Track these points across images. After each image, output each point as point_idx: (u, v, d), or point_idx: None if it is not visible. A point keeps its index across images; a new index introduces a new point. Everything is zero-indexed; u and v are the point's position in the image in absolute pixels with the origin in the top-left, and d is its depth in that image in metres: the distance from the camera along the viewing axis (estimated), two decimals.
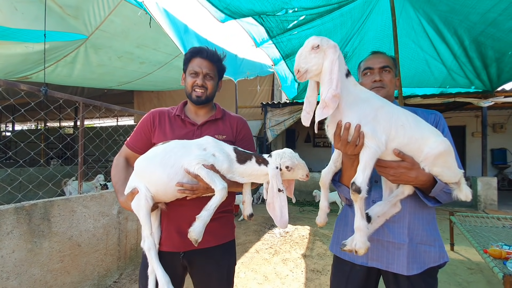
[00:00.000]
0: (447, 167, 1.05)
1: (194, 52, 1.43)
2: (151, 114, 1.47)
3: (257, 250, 4.18)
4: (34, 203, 2.33)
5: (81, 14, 4.00)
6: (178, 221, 1.34)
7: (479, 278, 3.30)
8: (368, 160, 0.99)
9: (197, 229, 1.10)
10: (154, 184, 1.19)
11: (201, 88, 1.41)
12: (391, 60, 1.40)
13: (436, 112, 1.36)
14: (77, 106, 2.76)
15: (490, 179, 6.93)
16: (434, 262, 1.22)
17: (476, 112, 9.44)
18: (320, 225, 1.22)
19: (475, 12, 3.35)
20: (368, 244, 1.02)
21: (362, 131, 0.99)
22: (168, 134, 1.41)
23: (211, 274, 1.39)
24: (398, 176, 1.07)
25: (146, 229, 1.19)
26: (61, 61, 5.32)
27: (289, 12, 3.42)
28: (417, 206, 1.21)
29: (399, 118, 1.04)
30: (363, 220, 1.03)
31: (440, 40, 4.18)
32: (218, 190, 1.13)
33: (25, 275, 2.23)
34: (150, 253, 1.19)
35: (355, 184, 0.98)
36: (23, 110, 2.54)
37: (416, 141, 1.04)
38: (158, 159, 1.19)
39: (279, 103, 8.89)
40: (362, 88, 1.09)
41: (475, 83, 5.48)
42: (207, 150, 1.21)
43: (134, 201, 1.20)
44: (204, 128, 1.45)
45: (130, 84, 7.66)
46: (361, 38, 4.41)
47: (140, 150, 1.45)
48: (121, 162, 1.46)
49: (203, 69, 1.40)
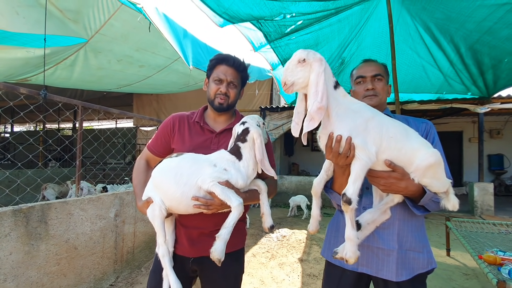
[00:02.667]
0: (436, 178, 1.06)
1: (220, 59, 1.44)
2: (171, 119, 1.48)
3: (254, 254, 4.18)
4: (31, 206, 2.34)
5: (81, 18, 4.04)
6: (188, 228, 1.36)
7: (474, 283, 3.31)
8: (358, 172, 1.00)
9: (219, 248, 1.12)
10: (168, 199, 1.22)
11: (224, 96, 1.41)
12: (382, 67, 1.42)
13: (427, 121, 1.38)
14: (75, 110, 2.78)
15: (487, 184, 6.96)
16: (423, 268, 1.24)
17: (473, 118, 9.49)
18: (311, 233, 1.25)
19: (471, 20, 3.41)
20: (358, 254, 1.04)
21: (353, 143, 1.00)
22: (187, 141, 1.43)
23: (218, 282, 1.40)
24: (389, 186, 1.08)
25: (161, 237, 1.23)
26: (61, 64, 5.35)
27: (287, 17, 3.47)
28: (406, 213, 1.23)
29: (389, 129, 1.05)
30: (353, 230, 1.04)
31: (436, 47, 4.24)
32: (235, 207, 1.14)
33: (22, 277, 2.23)
34: (164, 260, 1.23)
35: (345, 195, 0.99)
36: (22, 113, 2.56)
37: (406, 153, 1.05)
38: (171, 175, 1.21)
39: (278, 107, 8.93)
40: (352, 99, 1.11)
41: (472, 89, 5.54)
42: (218, 166, 1.22)
43: (149, 210, 1.24)
44: (222, 136, 1.45)
45: (130, 87, 7.69)
46: (359, 44, 4.46)
47: (160, 153, 1.49)
48: (141, 165, 1.49)
49: (228, 77, 1.41)
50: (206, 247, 1.33)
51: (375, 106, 1.33)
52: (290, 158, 12.18)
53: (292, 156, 12.05)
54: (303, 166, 12.09)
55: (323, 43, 4.37)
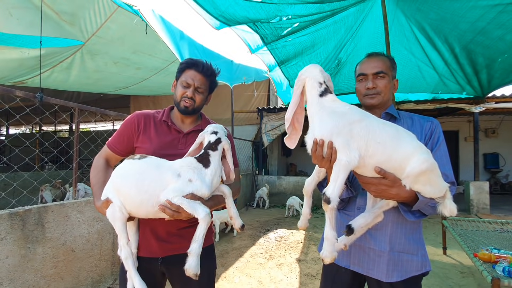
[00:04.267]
0: (429, 184, 1.04)
1: (190, 63, 1.44)
2: (135, 117, 1.45)
3: (252, 255, 4.19)
4: (28, 209, 2.33)
5: (77, 20, 4.04)
6: (154, 227, 1.34)
7: (470, 281, 3.34)
8: (338, 173, 1.00)
9: (193, 264, 1.12)
10: (128, 203, 1.19)
11: (190, 100, 1.42)
12: (387, 62, 1.34)
13: (432, 120, 1.33)
14: (72, 112, 2.78)
15: (483, 183, 7.02)
16: (417, 271, 1.24)
17: (469, 117, 9.58)
18: (300, 229, 1.27)
19: (464, 21, 3.44)
20: (334, 254, 1.04)
21: (334, 147, 1.02)
22: (153, 139, 1.40)
23: (190, 281, 1.34)
24: (380, 193, 1.08)
25: (123, 239, 1.20)
26: (57, 67, 5.34)
27: (283, 20, 3.48)
28: (400, 216, 1.22)
29: (377, 134, 1.03)
30: (331, 230, 1.05)
31: (431, 47, 4.27)
32: (202, 219, 1.14)
33: (19, 280, 2.23)
34: (127, 262, 1.21)
35: (325, 194, 1.00)
36: (18, 116, 2.55)
37: (397, 159, 1.03)
38: (133, 180, 1.18)
39: (275, 108, 8.96)
40: (342, 103, 1.11)
41: (467, 89, 5.57)
42: (182, 176, 1.19)
43: (109, 211, 1.20)
44: (190, 136, 1.45)
45: (127, 89, 7.69)
46: (355, 45, 4.48)
47: (121, 152, 1.44)
48: (101, 164, 1.43)
49: (195, 82, 1.42)
50: (174, 245, 1.36)
51: (377, 105, 1.33)
52: (287, 159, 12.21)
53: (290, 156, 12.08)
54: (300, 166, 12.12)
55: (319, 44, 4.39)
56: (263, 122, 9.06)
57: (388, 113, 1.35)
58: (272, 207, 8.11)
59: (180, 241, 1.36)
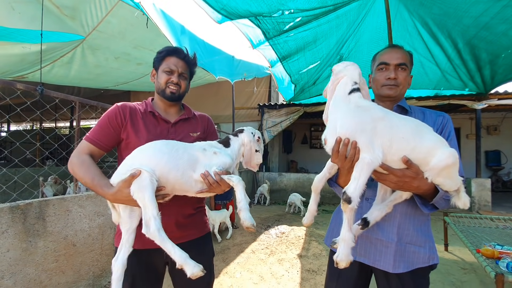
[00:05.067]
0: (449, 177, 1.04)
1: (171, 51, 1.44)
2: (119, 108, 1.39)
3: (253, 251, 4.18)
4: (29, 202, 2.33)
5: (78, 14, 4.01)
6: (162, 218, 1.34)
7: (472, 277, 3.33)
8: (361, 172, 0.97)
9: (247, 217, 1.17)
10: (161, 169, 1.16)
11: (175, 85, 1.42)
12: (408, 56, 1.34)
13: (444, 115, 1.33)
14: (73, 107, 2.77)
15: (484, 180, 7.01)
16: (423, 263, 1.23)
17: (471, 114, 9.54)
18: (305, 225, 1.26)
19: (468, 15, 3.41)
20: (350, 258, 1.01)
21: (358, 147, 0.99)
22: (142, 131, 1.37)
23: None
24: (401, 185, 1.07)
25: (153, 209, 1.09)
26: (58, 61, 5.32)
27: (285, 14, 3.45)
28: (409, 207, 1.22)
29: (400, 129, 1.03)
30: (349, 232, 1.01)
31: (434, 42, 4.24)
32: (236, 184, 1.20)
33: (20, 274, 2.22)
34: (160, 234, 1.08)
35: (346, 193, 0.97)
36: (19, 109, 2.54)
37: (420, 152, 1.03)
38: (164, 150, 1.21)
39: (276, 105, 8.93)
40: (365, 101, 1.10)
41: (469, 85, 5.55)
42: (207, 150, 1.28)
43: (135, 184, 1.11)
44: (178, 125, 1.47)
45: (127, 85, 7.67)
46: (357, 40, 4.46)
47: (106, 146, 1.37)
48: (87, 159, 1.30)
49: (179, 69, 1.42)
50: (177, 234, 1.37)
51: (394, 97, 1.33)
52: (288, 156, 12.20)
53: (291, 153, 12.07)
54: (301, 163, 12.11)
55: (321, 39, 4.37)
56: (264, 118, 9.04)
57: (399, 105, 1.35)
58: (273, 203, 8.11)
59: (182, 231, 1.40)
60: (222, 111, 9.67)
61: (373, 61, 1.42)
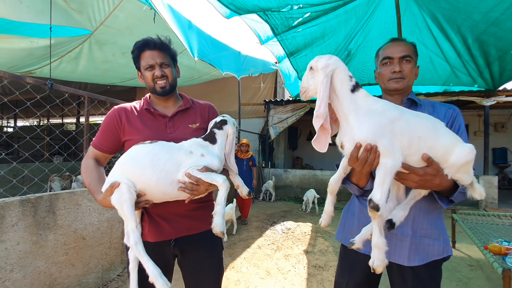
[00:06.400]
0: (468, 172, 1.04)
1: (140, 46, 1.39)
2: (115, 112, 1.41)
3: (259, 246, 4.20)
4: (39, 196, 2.35)
5: (85, 8, 4.02)
6: (163, 210, 1.34)
7: (479, 274, 3.32)
8: (384, 177, 0.95)
9: (219, 222, 1.17)
10: (143, 184, 1.18)
11: (161, 78, 1.38)
12: (411, 47, 1.33)
13: (454, 108, 1.32)
14: (80, 102, 2.79)
15: (491, 177, 6.94)
16: (438, 255, 1.23)
17: (479, 111, 9.45)
18: (323, 226, 1.23)
19: (477, 11, 3.36)
20: (386, 262, 1.00)
21: (378, 151, 0.97)
22: (141, 129, 1.38)
23: (204, 259, 1.42)
24: (423, 184, 1.05)
25: (132, 222, 1.12)
26: (65, 57, 5.35)
27: (294, 9, 3.42)
28: (423, 201, 1.21)
29: (417, 128, 1.02)
30: (381, 237, 1.00)
31: (444, 37, 4.18)
32: (221, 184, 1.19)
33: (30, 267, 2.25)
34: (137, 247, 1.13)
35: (372, 201, 0.94)
36: (29, 104, 2.56)
37: (438, 150, 1.02)
38: (148, 161, 1.18)
39: (282, 101, 8.90)
40: (374, 99, 1.06)
41: (478, 81, 5.47)
42: (194, 153, 1.24)
43: (115, 195, 1.14)
44: (176, 118, 1.44)
45: (134, 81, 7.69)
46: (365, 35, 4.41)
47: (109, 149, 1.42)
48: (91, 164, 1.39)
49: (157, 60, 1.38)
50: (186, 225, 1.38)
51: (401, 90, 1.31)
52: (293, 152, 12.19)
53: (296, 150, 12.05)
54: (306, 160, 12.09)
55: (329, 35, 4.32)
56: (270, 115, 9.02)
57: (409, 99, 1.34)
58: (278, 200, 8.12)
59: (191, 222, 1.40)
60: (228, 107, 9.66)
61: (376, 57, 1.41)
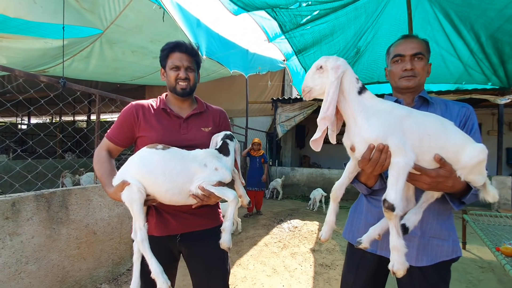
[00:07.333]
0: (480, 173, 1.02)
1: (172, 47, 1.44)
2: (133, 107, 1.46)
3: (266, 244, 4.22)
4: (53, 191, 2.42)
5: (96, 8, 4.09)
6: (170, 206, 1.36)
7: (490, 276, 3.26)
8: (397, 177, 0.94)
9: (227, 238, 1.25)
10: (153, 190, 1.22)
11: (184, 80, 1.44)
12: (423, 45, 1.30)
13: (467, 106, 1.29)
14: (91, 100, 2.87)
15: (505, 178, 6.78)
16: (447, 256, 1.21)
17: (493, 110, 9.22)
18: (322, 241, 1.16)
19: (492, 8, 3.28)
20: (407, 265, 0.97)
21: (390, 151, 0.96)
22: (157, 128, 1.42)
23: (210, 256, 1.45)
24: (435, 186, 1.03)
25: (140, 220, 1.19)
26: (77, 56, 5.45)
27: (302, 6, 3.40)
28: (433, 202, 1.19)
29: (426, 127, 1.00)
30: (399, 238, 0.96)
31: (456, 35, 4.09)
32: (231, 201, 1.26)
33: (44, 260, 2.32)
34: (143, 245, 1.19)
35: (387, 201, 0.93)
36: (43, 101, 2.62)
37: (449, 150, 1.00)
38: (160, 169, 1.21)
39: (290, 99, 8.87)
40: (380, 100, 1.06)
41: (492, 79, 5.34)
42: (208, 166, 1.28)
43: (125, 193, 1.19)
44: (190, 120, 1.49)
45: (143, 79, 7.78)
46: (375, 32, 4.35)
47: (122, 143, 1.46)
48: (103, 155, 1.43)
49: (184, 63, 1.43)
50: (192, 222, 1.43)
51: (412, 88, 1.30)
52: (301, 151, 12.15)
53: (303, 148, 12.01)
54: (314, 158, 12.03)
55: (338, 32, 4.29)
56: (277, 113, 9.01)
57: (421, 97, 1.32)
58: (286, 198, 8.12)
59: (197, 219, 1.44)
60: (236, 105, 9.69)
61: (387, 54, 1.39)
